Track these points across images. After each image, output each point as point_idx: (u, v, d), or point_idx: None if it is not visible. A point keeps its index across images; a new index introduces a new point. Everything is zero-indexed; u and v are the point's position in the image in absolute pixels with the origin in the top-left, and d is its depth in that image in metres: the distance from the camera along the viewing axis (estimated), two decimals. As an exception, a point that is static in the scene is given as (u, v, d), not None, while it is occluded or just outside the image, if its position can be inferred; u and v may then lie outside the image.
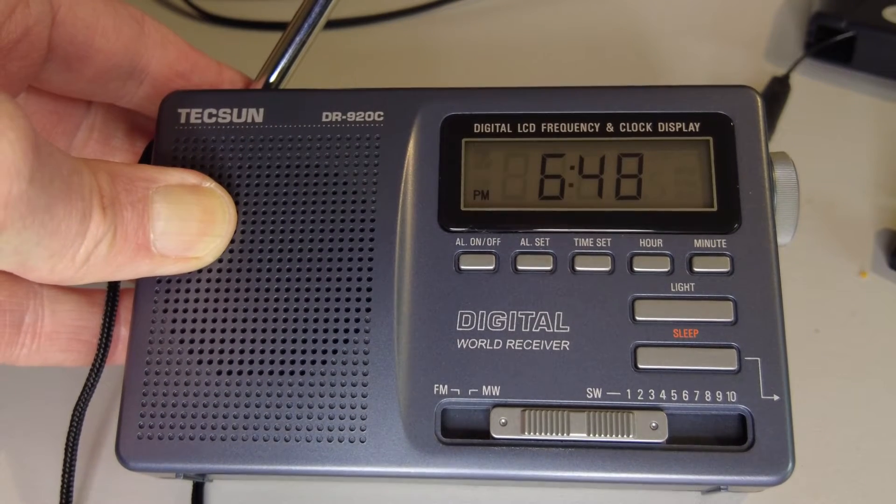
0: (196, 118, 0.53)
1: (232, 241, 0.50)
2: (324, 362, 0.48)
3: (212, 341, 0.49)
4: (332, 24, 0.78)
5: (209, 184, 0.48)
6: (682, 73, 0.76)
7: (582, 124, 0.51)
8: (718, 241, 0.48)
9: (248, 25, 0.84)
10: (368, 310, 0.49)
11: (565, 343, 0.48)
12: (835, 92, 0.74)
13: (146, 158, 0.54)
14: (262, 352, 0.49)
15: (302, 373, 0.48)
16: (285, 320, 0.49)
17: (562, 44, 0.79)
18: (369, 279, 0.49)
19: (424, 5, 0.83)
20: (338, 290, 0.49)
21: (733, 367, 0.46)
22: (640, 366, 0.47)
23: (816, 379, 0.57)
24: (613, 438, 0.46)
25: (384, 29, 0.82)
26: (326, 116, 0.52)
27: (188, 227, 0.47)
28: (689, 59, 0.77)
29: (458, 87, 0.53)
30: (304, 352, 0.49)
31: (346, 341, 0.49)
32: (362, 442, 0.47)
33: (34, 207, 0.37)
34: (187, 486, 0.55)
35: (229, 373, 0.49)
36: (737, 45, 0.78)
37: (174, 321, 0.50)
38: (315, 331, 0.49)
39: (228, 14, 0.84)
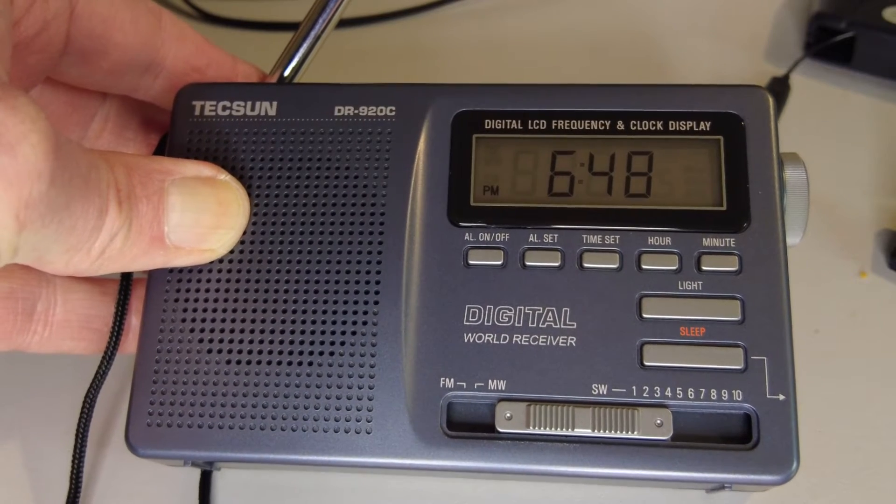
0: (210, 110, 0.52)
1: (244, 233, 0.50)
2: (332, 354, 0.48)
3: (222, 331, 0.49)
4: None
5: (224, 176, 0.48)
6: (682, 74, 0.75)
7: (592, 122, 0.50)
8: (727, 239, 0.48)
9: (248, 25, 0.83)
10: (377, 302, 0.48)
11: (572, 339, 0.47)
12: (835, 92, 0.73)
13: (160, 150, 0.53)
14: (272, 342, 0.48)
15: (310, 363, 0.48)
16: (294, 311, 0.49)
17: (562, 44, 0.79)
18: (378, 272, 0.49)
19: (426, 5, 0.82)
20: (346, 282, 0.49)
21: (739, 366, 0.46)
22: (647, 363, 0.46)
23: (816, 379, 0.56)
24: (618, 435, 0.45)
25: (386, 29, 0.82)
26: (339, 110, 0.51)
27: (203, 219, 0.46)
28: (689, 59, 0.76)
29: (470, 83, 0.52)
30: (312, 343, 0.48)
31: (353, 333, 0.48)
32: (368, 433, 0.47)
33: (53, 207, 0.37)
34: (195, 474, 0.55)
35: (238, 362, 0.48)
36: (737, 45, 0.77)
37: (185, 311, 0.49)
38: (324, 322, 0.48)
39: (228, 14, 0.83)
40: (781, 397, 0.45)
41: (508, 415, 0.46)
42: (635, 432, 0.45)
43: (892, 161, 0.67)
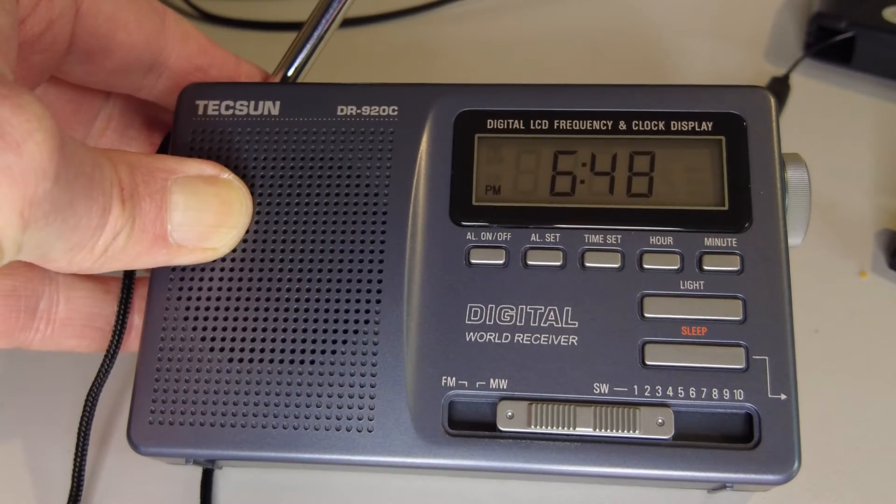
0: (213, 110, 0.52)
1: (246, 232, 0.50)
2: (333, 352, 0.48)
3: (224, 329, 0.49)
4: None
5: (227, 175, 0.48)
6: (681, 74, 0.75)
7: (594, 122, 0.50)
8: (729, 239, 0.47)
9: (248, 25, 0.83)
10: (378, 301, 0.48)
11: (573, 338, 0.47)
12: (835, 92, 0.72)
13: (163, 150, 0.53)
14: (274, 341, 0.48)
15: (312, 362, 0.48)
16: (297, 310, 0.49)
17: (562, 44, 0.78)
18: (380, 271, 0.49)
19: (427, 4, 0.82)
20: (349, 281, 0.49)
21: (741, 366, 0.46)
22: (648, 362, 0.46)
23: (816, 379, 0.56)
24: (619, 434, 0.45)
25: (385, 29, 0.82)
26: (342, 110, 0.51)
27: (205, 218, 0.46)
28: (689, 59, 0.76)
29: (472, 83, 0.52)
30: (314, 341, 0.48)
31: (356, 332, 0.48)
32: (370, 431, 0.47)
33: (58, 205, 0.37)
34: (196, 473, 0.55)
35: (240, 360, 0.48)
36: (737, 45, 0.76)
37: (188, 309, 0.49)
38: (325, 321, 0.48)
39: (228, 14, 0.83)
40: (783, 397, 0.45)
41: (510, 413, 0.46)
42: (637, 431, 0.45)
43: (892, 161, 0.67)
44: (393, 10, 0.82)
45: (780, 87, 0.71)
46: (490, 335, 0.48)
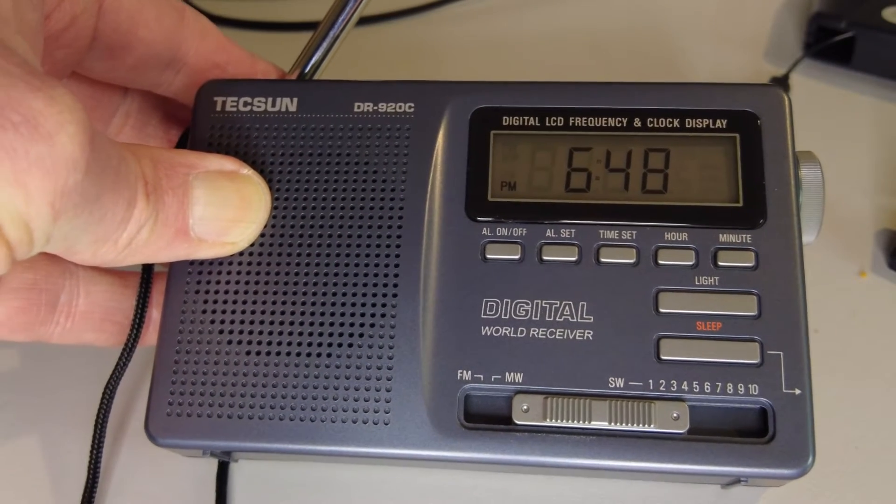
0: (232, 106, 0.52)
1: (265, 227, 0.50)
2: (350, 345, 0.48)
3: (242, 322, 0.49)
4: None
5: (246, 171, 0.48)
6: (681, 74, 0.75)
7: (609, 119, 0.51)
8: (743, 235, 0.48)
9: (249, 26, 0.83)
10: (395, 296, 0.49)
11: (588, 333, 0.47)
12: (834, 92, 0.73)
13: (182, 146, 0.53)
14: (291, 334, 0.48)
15: (329, 355, 0.48)
16: (314, 304, 0.49)
17: (562, 44, 0.79)
18: (397, 266, 0.49)
19: (428, 4, 0.82)
20: (366, 275, 0.49)
21: (755, 361, 0.46)
22: (663, 357, 0.46)
23: (816, 379, 0.55)
24: (634, 427, 0.45)
25: (387, 28, 0.82)
26: (358, 107, 0.52)
27: (225, 213, 0.47)
28: (689, 59, 0.76)
29: (488, 80, 0.53)
30: (331, 335, 0.48)
31: (372, 325, 0.48)
32: (386, 424, 0.47)
33: (86, 197, 0.37)
34: (209, 469, 0.55)
35: (258, 353, 0.48)
36: (737, 45, 0.77)
37: (206, 302, 0.49)
38: (343, 314, 0.48)
39: (229, 14, 0.83)
40: (797, 391, 0.45)
41: (525, 407, 0.46)
42: (652, 425, 0.45)
43: (892, 161, 0.68)
44: (393, 10, 0.82)
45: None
46: (505, 329, 0.48)
